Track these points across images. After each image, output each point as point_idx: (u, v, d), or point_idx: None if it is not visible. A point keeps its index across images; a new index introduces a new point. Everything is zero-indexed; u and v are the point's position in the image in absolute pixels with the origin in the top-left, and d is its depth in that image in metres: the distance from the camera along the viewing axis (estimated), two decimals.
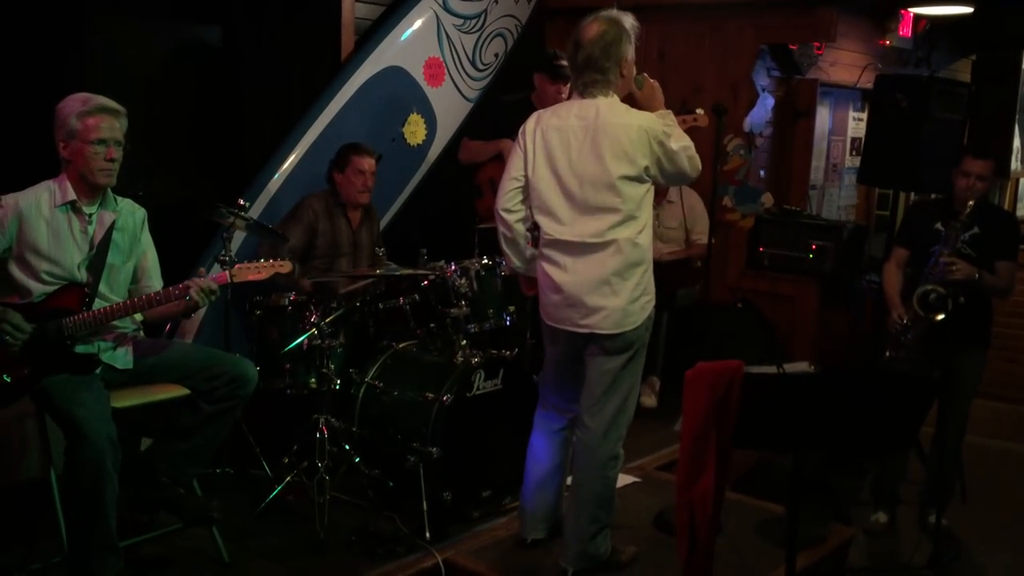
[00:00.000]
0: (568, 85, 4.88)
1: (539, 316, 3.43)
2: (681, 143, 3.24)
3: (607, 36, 3.18)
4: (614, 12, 3.25)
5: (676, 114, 3.46)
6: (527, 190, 3.33)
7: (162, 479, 3.34)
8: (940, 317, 4.02)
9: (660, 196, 5.40)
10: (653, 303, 3.31)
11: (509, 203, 3.36)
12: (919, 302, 4.07)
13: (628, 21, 3.24)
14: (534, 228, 3.39)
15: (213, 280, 3.23)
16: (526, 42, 5.69)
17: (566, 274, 3.25)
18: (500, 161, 4.93)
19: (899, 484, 4.45)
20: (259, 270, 3.35)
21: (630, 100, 3.36)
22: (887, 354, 4.23)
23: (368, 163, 4.39)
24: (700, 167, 3.31)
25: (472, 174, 5.16)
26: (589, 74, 3.21)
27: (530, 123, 3.34)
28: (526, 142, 3.31)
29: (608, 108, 3.22)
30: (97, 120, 3.15)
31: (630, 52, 3.24)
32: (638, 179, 3.18)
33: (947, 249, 4.06)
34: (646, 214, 3.25)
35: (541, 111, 3.39)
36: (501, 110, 5.14)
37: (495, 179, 4.98)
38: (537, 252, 3.37)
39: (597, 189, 3.19)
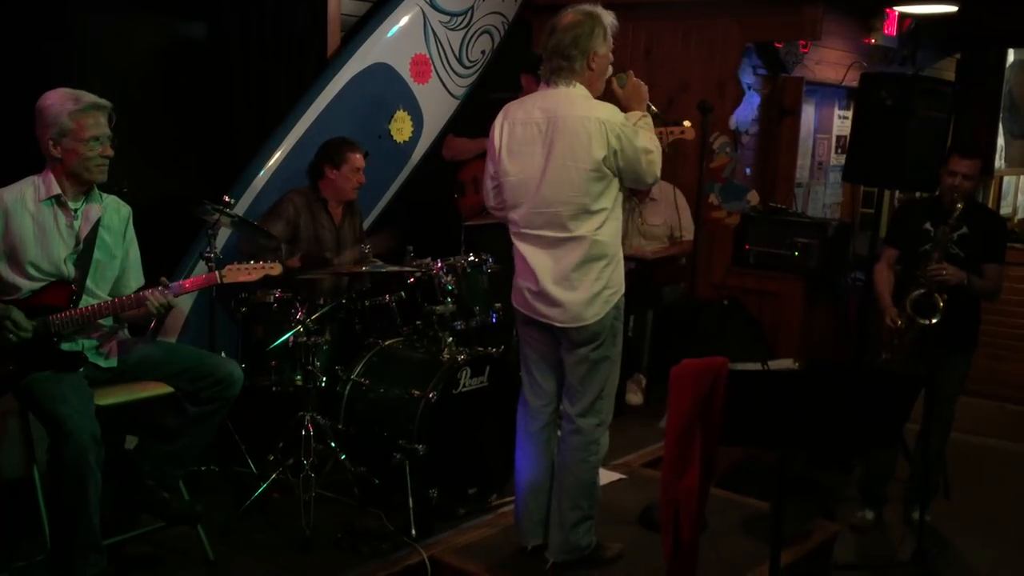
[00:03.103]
0: None
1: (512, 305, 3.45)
2: (644, 144, 3.22)
3: (580, 27, 3.18)
4: (595, 7, 3.25)
5: (663, 125, 3.45)
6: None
7: (147, 482, 3.33)
8: (934, 320, 4.03)
9: (643, 194, 5.40)
10: (619, 295, 3.30)
11: (492, 200, 3.43)
12: (910, 305, 4.09)
13: (607, 18, 3.23)
14: None
15: (170, 292, 3.22)
16: (513, 39, 5.68)
17: (531, 266, 3.28)
18: (484, 159, 4.92)
19: (887, 483, 4.47)
20: (249, 272, 3.34)
21: (612, 98, 3.36)
22: (883, 356, 4.23)
23: (361, 159, 4.40)
24: (658, 175, 3.31)
25: (456, 172, 5.15)
26: (555, 60, 3.22)
27: (499, 118, 3.36)
28: (494, 137, 3.34)
29: (568, 100, 3.21)
30: (91, 118, 3.14)
31: (602, 47, 3.23)
32: (596, 171, 3.17)
33: (936, 253, 4.07)
34: (608, 209, 3.23)
35: (509, 104, 3.39)
36: (488, 107, 5.13)
37: (479, 177, 4.98)
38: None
39: (555, 183, 3.20)
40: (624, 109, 3.33)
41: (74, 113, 3.12)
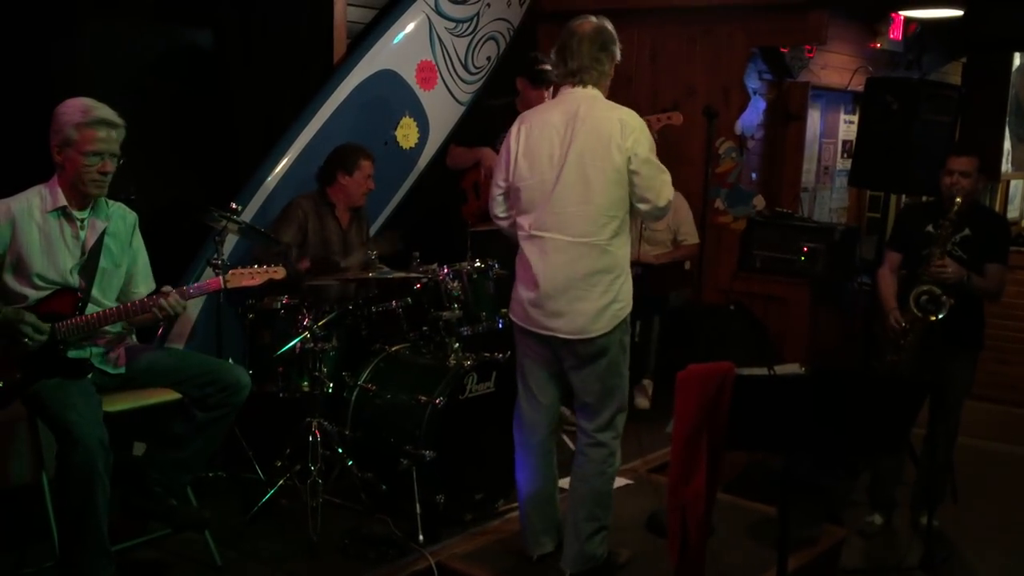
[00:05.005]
0: (550, 90, 4.89)
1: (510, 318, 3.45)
2: (660, 165, 3.23)
3: (603, 33, 3.28)
4: (604, 19, 3.34)
5: (650, 113, 3.49)
6: (510, 194, 3.37)
7: (155, 489, 3.34)
8: (940, 316, 4.02)
9: None
10: (627, 310, 3.28)
11: (496, 209, 3.44)
12: (915, 303, 4.09)
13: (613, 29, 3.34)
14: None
15: (179, 295, 3.22)
16: (518, 46, 5.70)
17: (534, 272, 3.26)
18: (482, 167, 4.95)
19: (896, 487, 4.46)
20: (253, 276, 3.35)
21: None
22: (889, 359, 4.22)
23: (372, 166, 4.41)
24: (671, 197, 3.25)
25: (458, 179, 5.17)
26: (582, 61, 3.26)
27: (515, 125, 3.37)
28: (510, 145, 3.34)
29: (590, 102, 3.24)
30: (95, 133, 3.13)
31: (618, 54, 3.34)
32: (615, 173, 3.17)
33: (938, 250, 4.07)
34: (621, 217, 3.22)
35: (527, 111, 3.41)
36: (487, 114, 5.14)
37: (479, 183, 5.01)
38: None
39: (570, 182, 3.20)
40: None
41: (80, 125, 3.12)
